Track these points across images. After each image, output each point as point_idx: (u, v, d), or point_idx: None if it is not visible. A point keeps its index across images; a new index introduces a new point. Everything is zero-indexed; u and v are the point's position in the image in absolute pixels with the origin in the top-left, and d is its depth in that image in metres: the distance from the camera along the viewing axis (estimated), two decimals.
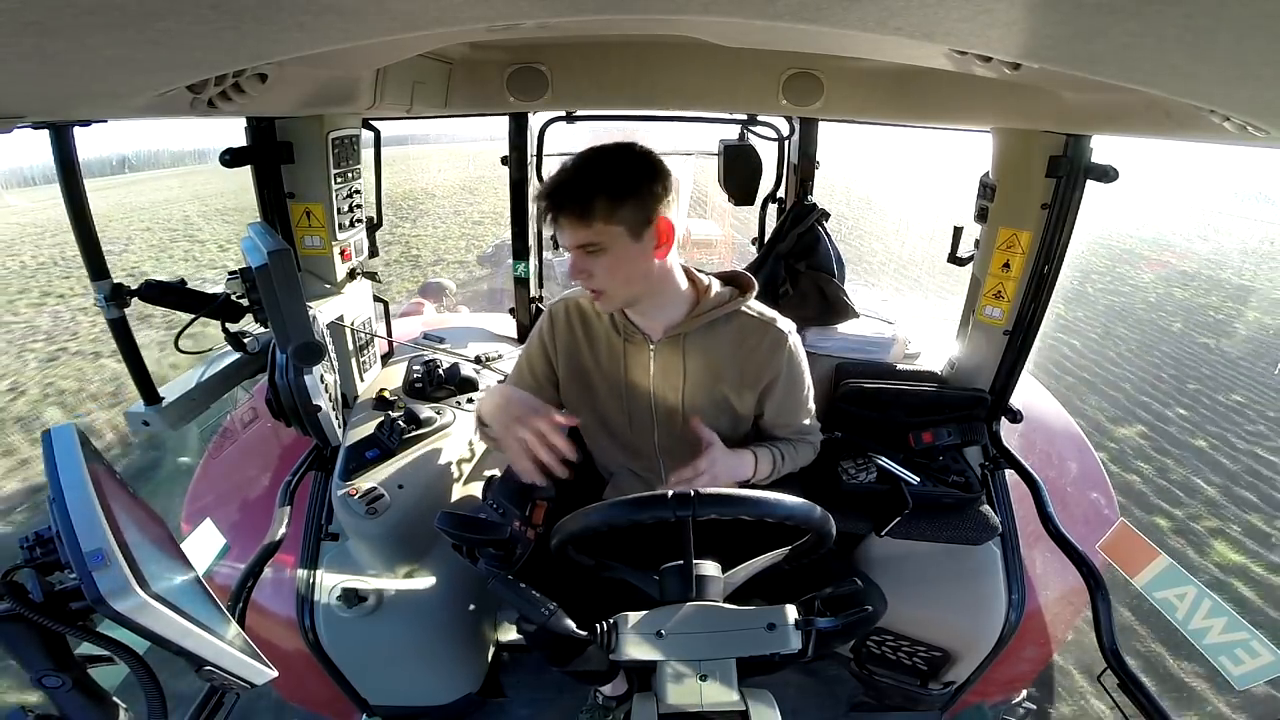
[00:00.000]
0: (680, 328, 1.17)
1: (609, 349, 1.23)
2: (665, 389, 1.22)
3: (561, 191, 1.04)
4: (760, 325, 1.20)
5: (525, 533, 1.12)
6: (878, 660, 1.58)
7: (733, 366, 1.20)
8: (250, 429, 1.95)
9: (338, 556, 1.44)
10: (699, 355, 1.19)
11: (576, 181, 1.04)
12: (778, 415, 1.27)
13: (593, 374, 1.25)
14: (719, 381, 1.21)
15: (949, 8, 0.41)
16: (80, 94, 0.67)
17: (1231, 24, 0.36)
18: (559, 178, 1.06)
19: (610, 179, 1.03)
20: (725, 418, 1.24)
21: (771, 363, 1.20)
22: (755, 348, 1.20)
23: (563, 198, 1.04)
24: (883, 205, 13.48)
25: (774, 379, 1.22)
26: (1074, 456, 1.96)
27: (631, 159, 1.05)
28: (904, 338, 1.90)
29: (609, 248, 1.04)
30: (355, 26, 0.47)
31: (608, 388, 1.25)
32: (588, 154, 1.07)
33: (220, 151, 1.36)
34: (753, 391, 1.23)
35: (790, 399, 1.26)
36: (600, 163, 1.05)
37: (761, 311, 1.22)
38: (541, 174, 2.08)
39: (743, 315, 1.20)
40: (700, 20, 0.91)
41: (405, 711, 1.57)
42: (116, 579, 0.55)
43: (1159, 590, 1.20)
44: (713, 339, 1.19)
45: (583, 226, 1.03)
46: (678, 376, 1.20)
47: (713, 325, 1.18)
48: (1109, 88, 0.94)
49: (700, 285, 1.20)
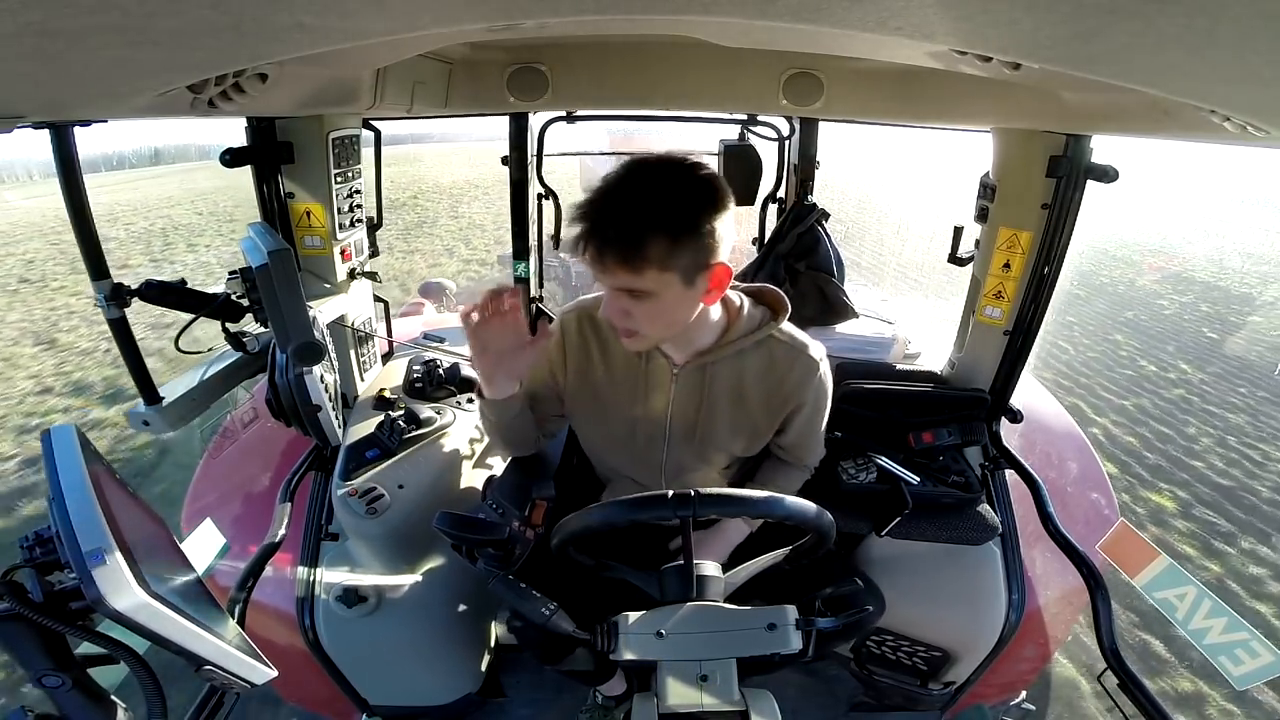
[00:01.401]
0: (708, 355, 1.09)
1: (626, 368, 1.15)
2: (684, 412, 1.15)
3: (607, 224, 0.86)
4: (791, 352, 1.12)
5: (524, 532, 1.12)
6: (878, 660, 1.58)
7: (759, 393, 1.13)
8: (250, 429, 1.95)
9: (338, 556, 1.44)
10: (725, 381, 1.12)
11: (628, 213, 0.85)
12: (795, 439, 1.23)
13: (604, 390, 1.17)
14: (744, 405, 1.14)
15: (949, 8, 0.41)
16: (80, 94, 0.67)
17: (1231, 24, 0.36)
18: (602, 202, 0.87)
19: (670, 214, 0.85)
20: (742, 439, 1.19)
21: (799, 392, 1.13)
22: (785, 376, 1.12)
23: (609, 233, 0.86)
24: (882, 205, 13.46)
25: (799, 406, 1.16)
26: (1074, 456, 1.96)
27: (695, 185, 0.87)
28: (904, 338, 1.90)
29: (658, 295, 0.90)
30: (355, 26, 0.47)
31: (620, 405, 1.17)
32: (639, 172, 0.87)
33: (220, 151, 1.36)
34: (778, 416, 1.17)
35: (810, 425, 1.21)
36: (657, 188, 0.86)
37: (793, 336, 1.13)
38: (541, 174, 2.08)
39: (773, 341, 1.11)
40: (700, 20, 0.91)
41: (405, 711, 1.57)
42: (116, 579, 0.55)
43: (1159, 590, 1.20)
44: (740, 365, 1.11)
45: (631, 273, 0.87)
46: (699, 401, 1.13)
47: (741, 352, 1.10)
48: (1109, 88, 0.94)
49: (732, 309, 1.10)
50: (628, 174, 0.88)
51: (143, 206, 15.18)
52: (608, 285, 0.93)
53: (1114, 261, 10.66)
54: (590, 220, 0.88)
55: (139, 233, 12.39)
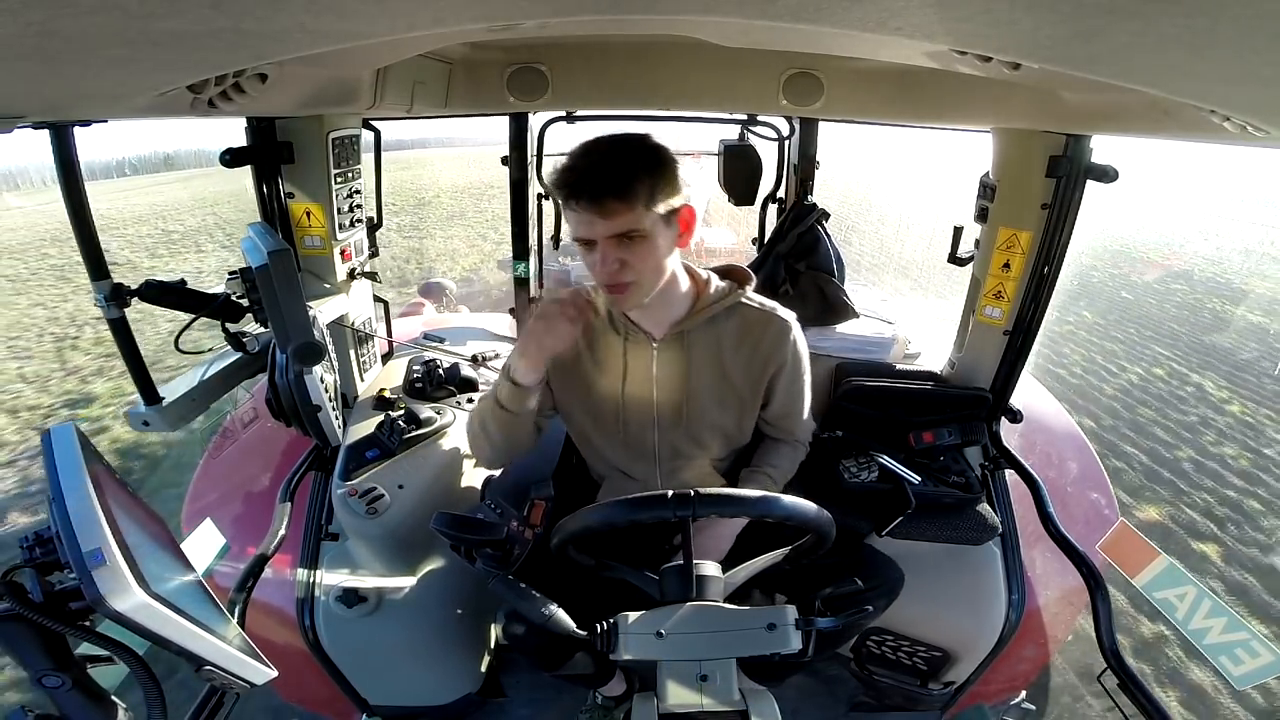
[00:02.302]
0: (683, 324, 1.15)
1: (607, 348, 1.20)
2: (668, 388, 1.19)
3: (599, 171, 0.97)
4: (763, 316, 1.19)
5: (523, 533, 1.12)
6: (878, 660, 1.58)
7: (738, 359, 1.19)
8: (250, 429, 1.95)
9: (338, 556, 1.44)
10: (703, 351, 1.18)
11: (613, 164, 0.98)
12: (781, 407, 1.26)
13: (589, 374, 1.21)
14: (726, 376, 1.19)
15: (949, 8, 0.41)
16: (80, 94, 0.67)
17: (1231, 24, 0.36)
18: (587, 157, 0.99)
19: (648, 161, 0.99)
20: (731, 414, 1.23)
21: (777, 353, 1.20)
22: (760, 338, 1.19)
23: (601, 180, 0.97)
24: (881, 206, 13.48)
25: (780, 368, 1.21)
26: (1074, 456, 1.96)
27: (653, 144, 1.02)
28: (904, 338, 1.90)
29: (650, 234, 1.00)
30: (355, 27, 0.47)
31: (604, 388, 1.21)
32: (607, 140, 1.01)
33: (220, 151, 1.36)
34: (760, 383, 1.22)
35: (794, 387, 1.25)
36: (630, 147, 1.00)
37: (762, 303, 1.21)
38: (542, 174, 2.08)
39: (744, 307, 1.19)
40: (700, 20, 0.91)
41: (405, 711, 1.57)
42: (116, 579, 0.55)
43: (1159, 590, 1.20)
44: (716, 333, 1.18)
45: (627, 210, 0.97)
46: (681, 374, 1.18)
47: (714, 320, 1.17)
48: (1109, 88, 0.94)
49: (699, 280, 1.18)
50: (596, 141, 1.01)
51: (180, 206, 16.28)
52: (601, 237, 1.00)
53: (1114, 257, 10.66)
54: (582, 172, 0.98)
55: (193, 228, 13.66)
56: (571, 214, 1.00)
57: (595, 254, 1.02)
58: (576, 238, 1.02)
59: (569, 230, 1.05)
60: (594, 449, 1.31)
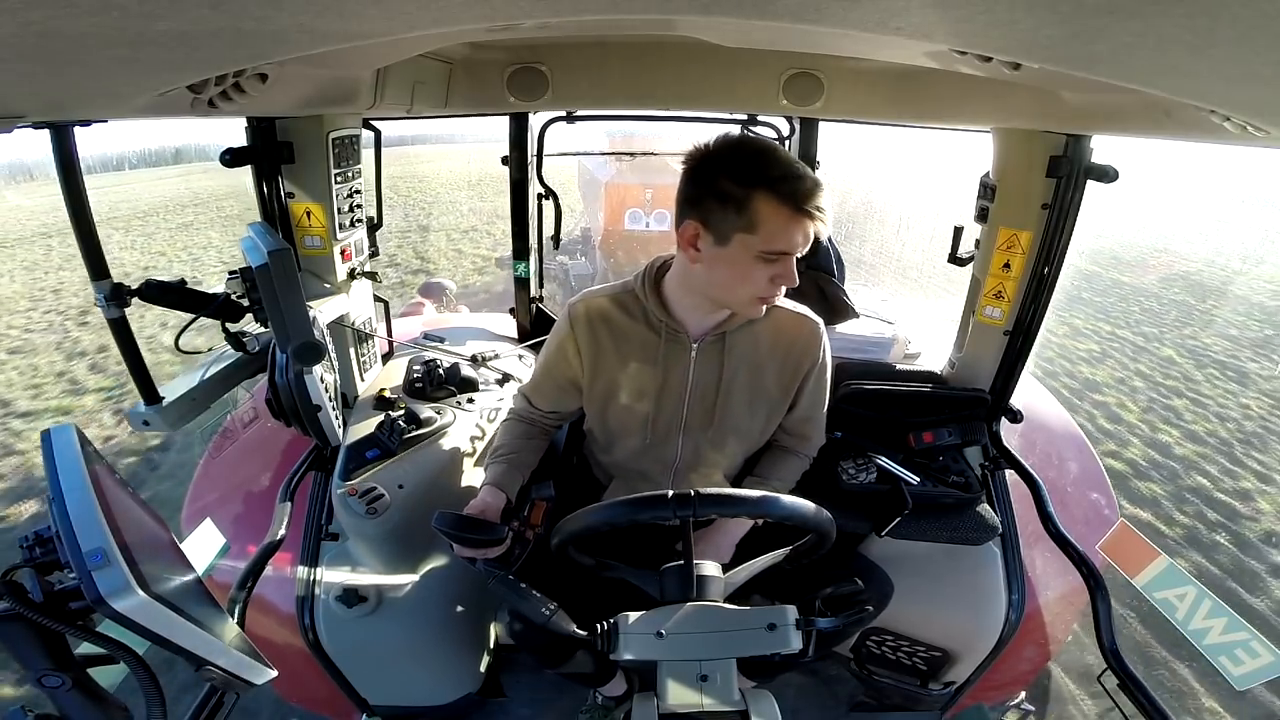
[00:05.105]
0: (725, 326, 1.17)
1: (643, 349, 1.19)
2: (703, 388, 1.21)
3: (815, 185, 0.97)
4: (796, 318, 1.22)
5: (523, 533, 1.12)
6: (878, 660, 1.58)
7: (773, 361, 1.22)
8: (250, 429, 1.95)
9: (338, 556, 1.44)
10: (741, 353, 1.20)
11: (809, 174, 0.98)
12: (805, 411, 1.28)
13: (619, 376, 1.21)
14: (760, 378, 1.22)
15: (949, 8, 0.41)
16: (80, 94, 0.67)
17: (1231, 24, 0.36)
18: (797, 169, 0.97)
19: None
20: (759, 417, 1.25)
21: (810, 353, 1.22)
22: (794, 340, 1.22)
23: (820, 190, 0.97)
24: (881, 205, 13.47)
25: (810, 369, 1.24)
26: (1074, 456, 1.96)
27: None
28: (904, 338, 1.90)
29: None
30: (355, 27, 0.47)
31: (635, 389, 1.21)
32: (772, 144, 1.04)
33: (221, 151, 1.36)
34: (792, 385, 1.24)
35: (817, 394, 1.28)
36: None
37: (794, 305, 1.23)
38: (542, 174, 2.08)
39: (778, 309, 1.21)
40: (700, 20, 0.91)
41: (405, 711, 1.57)
42: (116, 579, 0.55)
43: (1159, 590, 1.20)
44: (754, 336, 1.20)
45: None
46: (716, 375, 1.20)
47: (753, 322, 1.19)
48: (1109, 88, 0.94)
49: None
50: (774, 146, 1.02)
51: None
52: (800, 245, 0.99)
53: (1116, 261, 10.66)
54: (807, 180, 0.96)
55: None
56: (781, 223, 0.96)
57: (779, 265, 1.00)
58: (780, 250, 0.98)
59: (761, 242, 0.98)
60: (607, 452, 1.32)
